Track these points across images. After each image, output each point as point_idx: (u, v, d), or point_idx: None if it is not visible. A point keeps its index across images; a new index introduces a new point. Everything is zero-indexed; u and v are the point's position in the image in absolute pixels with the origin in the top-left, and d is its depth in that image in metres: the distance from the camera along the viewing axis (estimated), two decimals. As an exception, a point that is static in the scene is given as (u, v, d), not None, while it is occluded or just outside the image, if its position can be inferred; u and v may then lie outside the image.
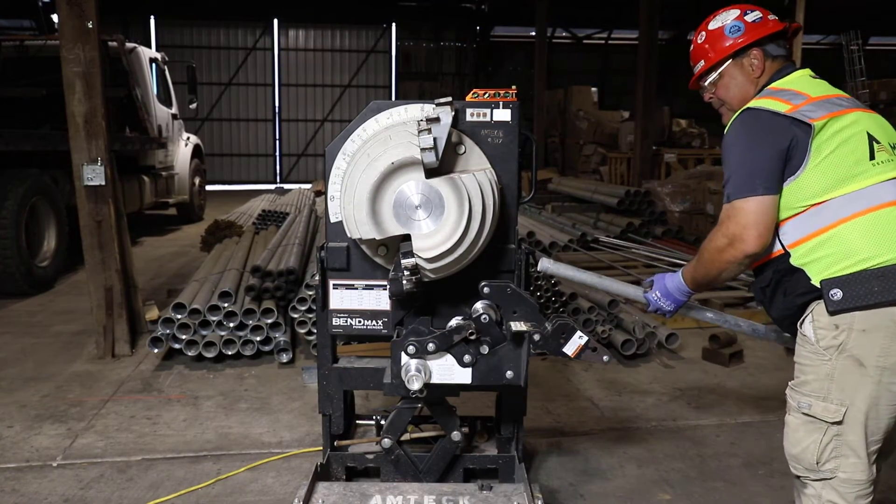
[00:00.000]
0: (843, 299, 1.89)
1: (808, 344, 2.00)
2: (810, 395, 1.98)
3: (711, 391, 4.33)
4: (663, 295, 2.36)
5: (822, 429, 1.97)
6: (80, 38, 4.64)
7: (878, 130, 2.02)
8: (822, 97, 2.04)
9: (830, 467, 1.98)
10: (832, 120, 1.96)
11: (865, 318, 1.89)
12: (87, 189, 4.79)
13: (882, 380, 1.91)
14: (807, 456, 2.01)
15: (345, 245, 2.59)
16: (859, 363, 1.91)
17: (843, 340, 1.92)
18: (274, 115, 20.37)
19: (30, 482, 3.18)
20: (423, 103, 2.52)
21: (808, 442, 2.00)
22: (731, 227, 2.00)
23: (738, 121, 2.05)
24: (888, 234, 1.89)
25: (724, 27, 2.23)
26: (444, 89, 20.25)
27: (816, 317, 1.96)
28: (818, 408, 1.96)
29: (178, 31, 19.37)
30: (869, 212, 1.91)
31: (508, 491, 2.71)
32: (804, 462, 2.03)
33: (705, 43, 2.28)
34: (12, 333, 5.48)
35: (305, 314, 4.81)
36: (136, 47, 10.31)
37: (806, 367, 2.01)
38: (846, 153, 1.94)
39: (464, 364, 2.42)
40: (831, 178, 1.93)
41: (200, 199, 12.72)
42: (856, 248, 1.90)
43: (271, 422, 3.84)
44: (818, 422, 1.97)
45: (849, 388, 1.93)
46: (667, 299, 2.35)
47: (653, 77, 10.83)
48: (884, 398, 1.93)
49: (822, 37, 21.99)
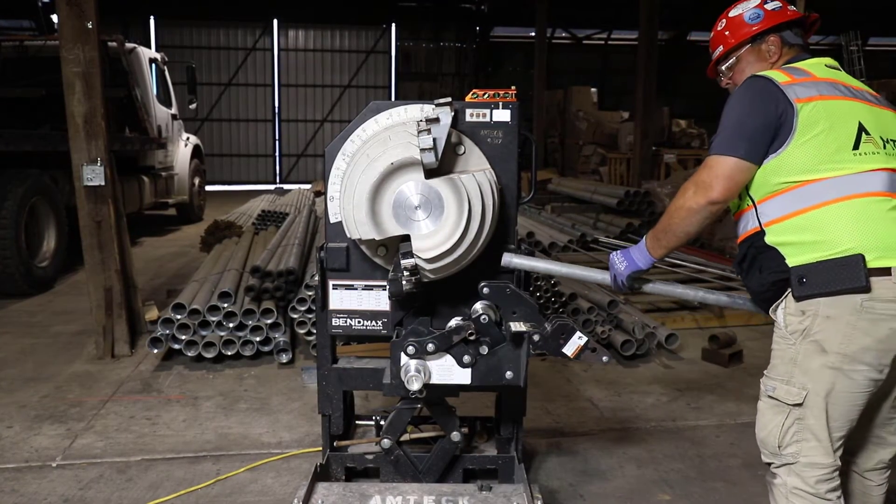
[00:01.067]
0: (808, 284, 1.94)
1: (778, 329, 2.07)
2: (776, 379, 2.06)
3: (711, 391, 4.33)
4: (622, 255, 2.35)
5: (785, 412, 2.03)
6: (79, 38, 4.64)
7: (873, 123, 2.03)
8: (827, 79, 2.08)
9: (792, 451, 2.03)
10: (822, 103, 1.99)
11: (830, 305, 1.93)
12: (87, 189, 4.79)
13: (843, 366, 1.94)
14: (770, 439, 2.07)
15: (344, 245, 2.60)
16: (822, 349, 1.95)
17: (808, 325, 1.96)
18: (274, 116, 20.36)
19: (29, 482, 3.18)
20: (423, 104, 2.52)
21: (772, 425, 2.07)
22: (702, 174, 2.06)
23: (744, 86, 2.11)
24: (856, 224, 1.92)
25: (745, 14, 2.29)
26: (443, 90, 20.25)
27: (787, 303, 2.02)
28: (781, 391, 2.03)
29: (178, 32, 19.37)
30: (841, 201, 1.94)
31: (508, 491, 2.71)
32: (768, 446, 2.09)
33: (725, 29, 2.34)
34: (12, 334, 5.48)
35: (305, 314, 4.81)
36: (136, 47, 10.31)
37: (775, 352, 2.08)
38: (830, 139, 1.97)
39: (463, 364, 2.42)
40: (811, 161, 1.97)
41: (200, 199, 12.72)
42: (825, 235, 1.93)
43: (271, 422, 3.84)
44: (781, 405, 2.04)
45: (811, 372, 1.98)
46: (624, 258, 2.34)
47: (652, 77, 10.83)
48: (844, 384, 1.96)
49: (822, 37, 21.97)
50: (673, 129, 14.34)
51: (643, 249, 2.29)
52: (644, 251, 2.29)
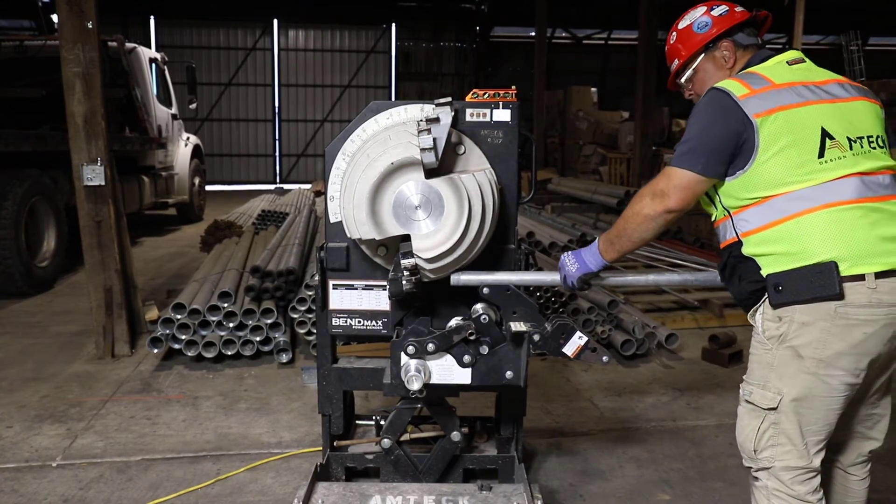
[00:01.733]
0: (784, 293, 1.95)
1: (756, 335, 2.09)
2: (753, 384, 2.07)
3: (711, 391, 4.34)
4: (573, 257, 2.33)
5: (761, 416, 2.04)
6: (79, 38, 4.64)
7: (838, 123, 1.98)
8: (786, 84, 2.03)
9: (767, 455, 2.05)
10: (782, 114, 1.97)
11: (805, 312, 1.94)
12: (87, 189, 4.79)
13: (818, 371, 1.95)
14: (747, 444, 2.09)
15: (344, 245, 2.60)
16: (797, 354, 1.97)
17: (785, 332, 1.98)
18: (273, 116, 20.38)
19: (29, 482, 3.18)
20: (423, 103, 2.52)
21: (749, 429, 2.08)
22: (660, 183, 2.08)
23: (704, 98, 2.11)
24: (828, 234, 1.92)
25: (693, 24, 2.29)
26: (443, 90, 20.26)
27: (764, 309, 2.03)
28: (757, 395, 2.05)
29: (178, 32, 19.38)
30: (812, 211, 1.93)
31: (508, 491, 2.71)
32: (746, 450, 2.11)
33: (677, 42, 2.34)
34: (12, 334, 5.48)
35: (305, 314, 4.81)
36: (136, 47, 10.32)
37: (752, 357, 2.10)
38: (793, 153, 1.95)
39: (463, 364, 2.42)
40: (777, 176, 1.96)
41: (200, 199, 12.72)
42: (798, 246, 1.93)
43: (271, 422, 3.84)
44: (757, 409, 2.05)
45: (786, 377, 1.99)
46: (575, 259, 2.32)
47: (652, 77, 10.85)
48: (819, 389, 1.97)
49: (822, 37, 22.00)
50: (673, 129, 14.35)
51: (595, 252, 2.28)
52: (596, 253, 2.28)
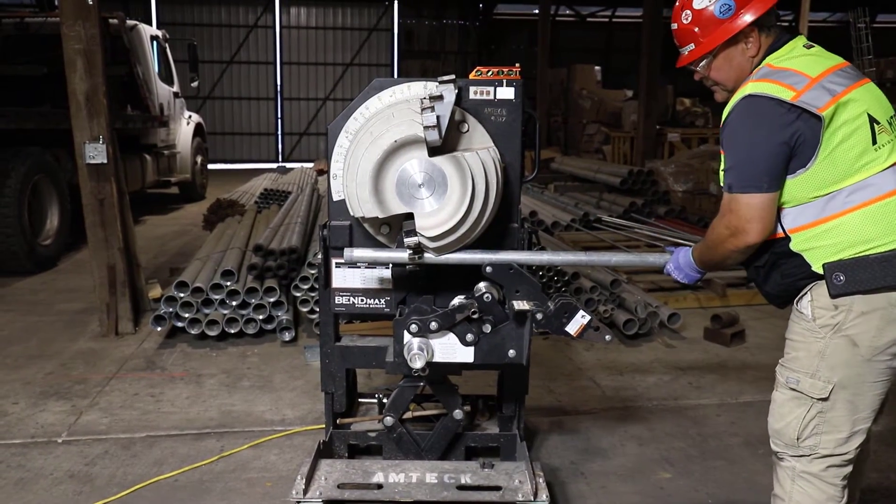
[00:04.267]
0: (846, 283, 1.90)
1: (803, 321, 2.02)
2: (799, 371, 2.01)
3: (713, 371, 4.35)
4: (676, 268, 2.32)
5: (807, 404, 2.00)
6: (80, 15, 4.60)
7: (876, 108, 1.97)
8: (822, 75, 1.96)
9: (810, 443, 2.02)
10: (838, 106, 1.91)
11: (865, 301, 1.91)
12: (89, 167, 4.78)
13: (871, 358, 1.95)
14: (788, 431, 2.04)
15: (347, 224, 2.59)
16: (853, 343, 1.94)
17: (841, 321, 1.94)
18: (276, 94, 20.26)
19: (35, 458, 3.21)
20: (427, 81, 2.50)
21: (792, 417, 2.03)
22: (732, 220, 1.98)
23: (743, 107, 1.96)
24: (891, 220, 1.90)
25: (714, 7, 2.04)
26: (446, 68, 20.07)
27: (815, 296, 1.97)
28: (806, 384, 1.99)
29: (179, 9, 19.21)
30: (874, 201, 1.91)
31: (510, 469, 2.73)
32: (785, 437, 2.06)
33: (693, 25, 2.10)
34: (16, 311, 5.50)
35: (308, 293, 4.82)
36: (137, 25, 10.24)
37: (798, 344, 2.03)
38: (852, 144, 1.91)
39: (466, 343, 2.42)
40: (839, 170, 1.91)
41: (202, 177, 12.69)
42: (860, 235, 1.90)
43: (274, 400, 3.86)
44: (804, 397, 2.00)
45: (838, 366, 1.96)
46: (679, 273, 2.31)
47: (657, 56, 10.75)
48: (870, 376, 1.97)
49: (829, 14, 21.78)
50: (677, 108, 14.26)
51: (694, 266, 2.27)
52: (695, 267, 2.27)
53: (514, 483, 2.63)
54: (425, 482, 2.65)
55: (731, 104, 2.02)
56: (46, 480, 3.02)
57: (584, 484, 3.04)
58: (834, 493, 2.03)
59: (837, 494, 2.03)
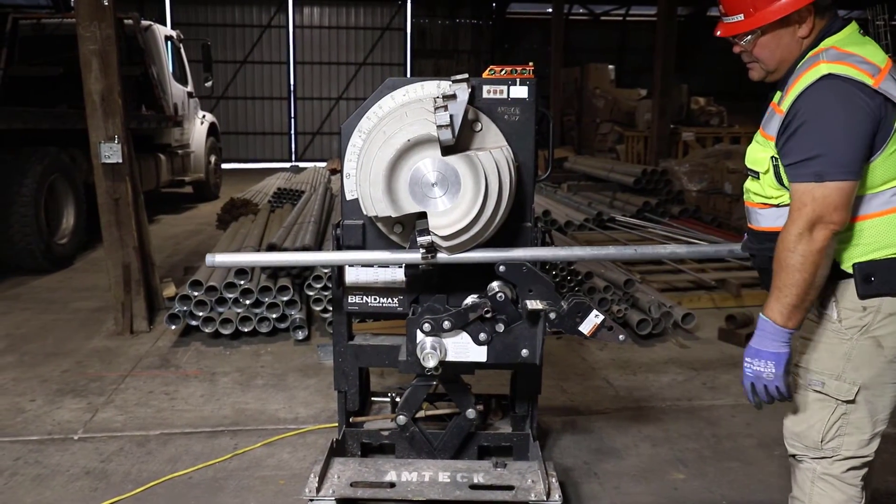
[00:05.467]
0: (875, 283, 1.86)
1: (828, 323, 1.95)
2: (823, 373, 1.95)
3: (727, 371, 4.32)
4: (755, 357, 1.91)
5: (832, 407, 1.95)
6: (96, 15, 4.64)
7: None
8: (888, 68, 1.84)
9: (833, 445, 1.98)
10: None
11: (893, 303, 1.87)
12: (105, 167, 4.82)
13: (894, 359, 1.92)
14: (812, 434, 1.99)
15: (360, 223, 2.59)
16: (879, 344, 1.91)
17: (869, 322, 1.89)
18: (289, 93, 20.33)
19: (52, 454, 3.24)
20: (440, 80, 2.50)
21: (815, 420, 1.99)
22: (817, 208, 1.77)
23: (826, 88, 1.78)
24: None
25: None
26: (459, 67, 20.09)
27: (840, 297, 1.91)
28: (831, 386, 1.94)
29: (193, 9, 19.32)
30: None
31: (523, 468, 2.72)
32: (807, 440, 2.01)
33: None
34: (33, 310, 5.55)
35: (321, 292, 4.83)
36: (152, 25, 10.31)
37: (820, 345, 1.97)
38: None
39: (479, 342, 2.42)
40: (891, 172, 1.83)
41: (216, 177, 12.76)
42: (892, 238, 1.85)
43: (287, 398, 3.88)
44: (828, 399, 1.95)
45: (863, 367, 1.92)
46: (760, 359, 1.90)
47: (671, 54, 10.69)
48: (890, 377, 1.94)
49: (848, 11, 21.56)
50: (691, 107, 14.16)
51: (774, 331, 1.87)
52: (778, 332, 1.87)
53: (526, 483, 2.62)
54: (438, 481, 2.65)
55: (800, 86, 1.83)
56: (63, 477, 3.05)
57: (597, 484, 3.03)
58: (854, 493, 2.00)
59: (857, 495, 2.01)
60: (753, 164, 1.99)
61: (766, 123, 1.97)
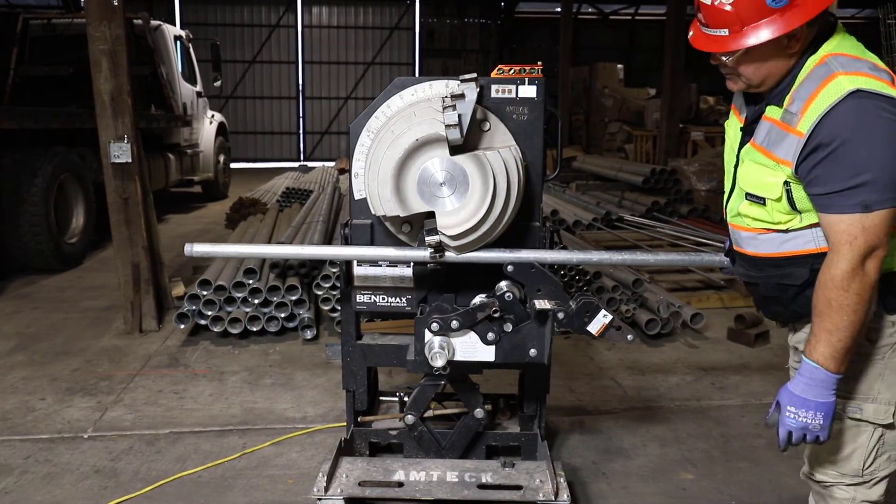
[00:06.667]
0: None
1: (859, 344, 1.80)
2: (858, 398, 1.83)
3: (736, 372, 4.30)
4: (801, 407, 1.74)
5: (870, 431, 1.84)
6: (105, 15, 4.66)
7: None
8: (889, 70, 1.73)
9: (872, 469, 1.87)
10: None
11: None
12: (114, 166, 4.84)
13: None
14: (852, 462, 1.87)
15: (369, 222, 2.60)
16: None
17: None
18: (297, 93, 20.37)
19: (62, 453, 3.26)
20: (448, 79, 2.49)
21: (853, 447, 1.87)
22: (869, 239, 1.63)
23: (859, 108, 1.61)
24: None
25: None
26: (468, 66, 20.08)
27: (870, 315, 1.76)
28: (869, 410, 1.82)
29: (202, 9, 19.39)
30: None
31: (531, 468, 2.72)
32: (846, 468, 1.88)
33: (735, 7, 1.68)
34: (43, 309, 5.58)
35: (329, 291, 4.84)
36: (161, 25, 10.35)
37: (853, 368, 1.80)
38: None
39: (487, 342, 2.42)
40: None
41: (225, 176, 12.80)
42: None
43: (295, 397, 3.89)
44: (865, 425, 1.84)
45: (894, 384, 1.83)
46: (808, 409, 1.74)
47: (680, 53, 10.64)
48: None
49: (858, 10, 21.43)
50: (701, 106, 14.11)
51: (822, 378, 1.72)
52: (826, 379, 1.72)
53: (534, 482, 2.62)
54: (446, 480, 2.65)
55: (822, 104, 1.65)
56: (73, 475, 3.06)
57: (605, 484, 3.02)
58: None
59: None
60: (760, 190, 1.80)
61: (771, 144, 1.76)
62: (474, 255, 2.38)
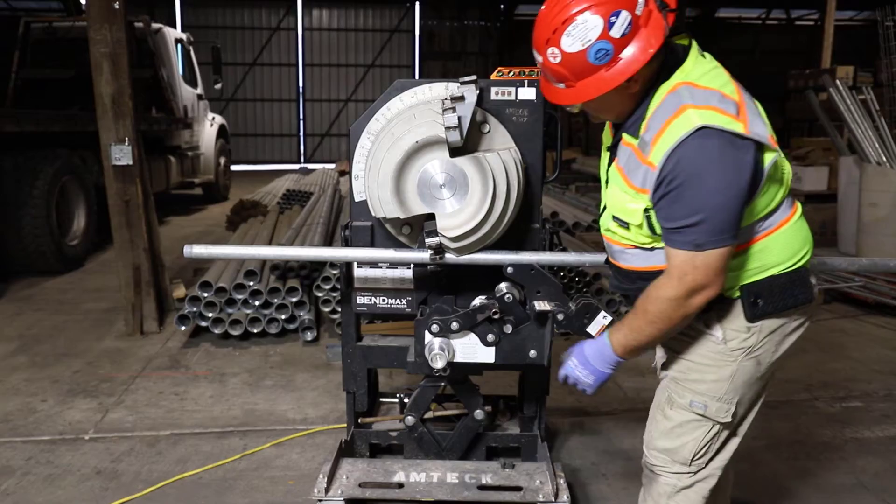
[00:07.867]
0: (763, 305, 1.82)
1: (713, 344, 1.90)
2: (706, 395, 1.92)
3: (736, 373, 4.30)
4: (582, 365, 1.98)
5: (707, 427, 1.94)
6: (107, 18, 4.67)
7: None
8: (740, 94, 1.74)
9: (700, 462, 1.97)
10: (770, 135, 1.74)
11: (771, 321, 1.86)
12: (115, 169, 4.86)
13: (766, 374, 1.93)
14: (683, 452, 1.97)
15: (369, 224, 2.61)
16: (758, 362, 1.90)
17: (753, 343, 1.87)
18: (298, 96, 20.42)
19: (63, 454, 3.27)
20: (448, 82, 2.51)
21: (689, 438, 1.97)
22: (699, 277, 1.71)
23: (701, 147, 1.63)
24: (793, 240, 1.84)
25: (587, 52, 1.68)
26: (467, 69, 20.09)
27: (727, 318, 1.87)
28: (713, 408, 1.92)
29: (203, 12, 19.45)
30: (782, 224, 1.83)
31: (531, 469, 2.73)
32: (677, 456, 1.98)
33: (562, 67, 1.73)
34: (44, 310, 5.60)
35: (329, 293, 4.85)
36: (162, 28, 10.38)
37: (704, 367, 1.92)
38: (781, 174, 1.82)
39: (487, 343, 2.42)
40: (765, 203, 1.79)
41: (226, 178, 12.83)
42: (772, 258, 1.82)
43: (296, 399, 3.89)
44: (706, 421, 1.93)
45: (741, 387, 1.91)
46: (586, 369, 1.98)
47: (680, 55, 10.66)
48: (758, 392, 1.98)
49: (856, 12, 21.48)
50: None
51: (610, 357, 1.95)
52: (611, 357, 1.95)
53: (534, 483, 2.62)
54: (446, 482, 2.66)
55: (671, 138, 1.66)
56: (74, 476, 3.07)
57: (605, 485, 3.02)
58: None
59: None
60: (623, 215, 1.85)
61: (631, 172, 1.80)
62: (474, 257, 2.39)
